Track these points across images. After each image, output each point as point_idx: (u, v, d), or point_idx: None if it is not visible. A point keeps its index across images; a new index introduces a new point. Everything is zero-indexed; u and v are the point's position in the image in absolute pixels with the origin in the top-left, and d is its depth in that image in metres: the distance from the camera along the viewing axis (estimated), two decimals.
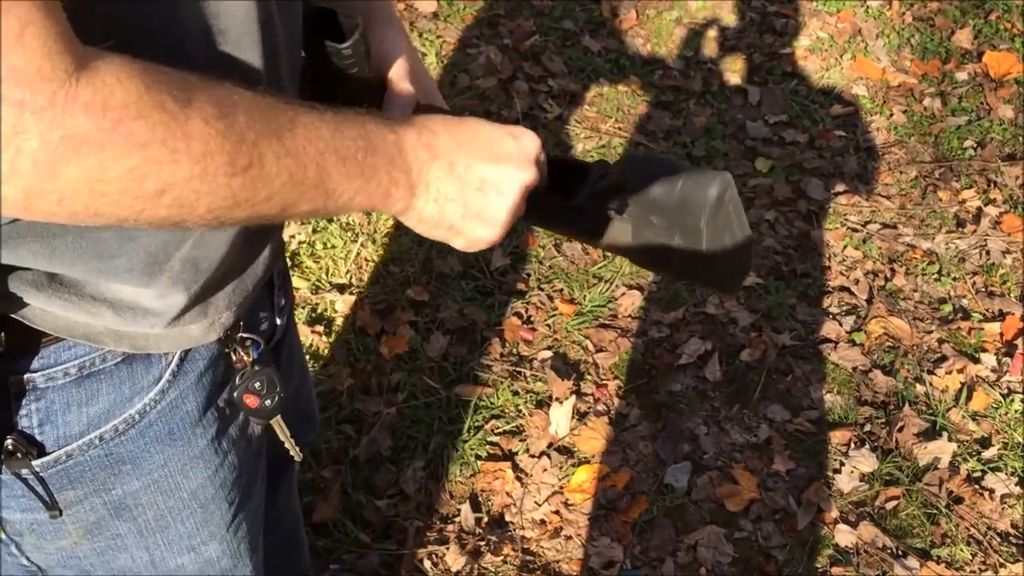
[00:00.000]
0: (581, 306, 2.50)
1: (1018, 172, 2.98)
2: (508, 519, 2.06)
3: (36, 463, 0.76)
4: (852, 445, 2.24)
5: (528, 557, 2.00)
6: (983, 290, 2.63)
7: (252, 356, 0.85)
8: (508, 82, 3.13)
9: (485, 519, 2.06)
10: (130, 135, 0.54)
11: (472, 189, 0.76)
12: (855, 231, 2.79)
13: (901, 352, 2.45)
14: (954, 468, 2.20)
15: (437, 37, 3.25)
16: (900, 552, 2.05)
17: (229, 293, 0.79)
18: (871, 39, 3.50)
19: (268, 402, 0.87)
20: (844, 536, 2.06)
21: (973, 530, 2.09)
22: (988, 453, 2.23)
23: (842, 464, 2.20)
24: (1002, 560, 2.04)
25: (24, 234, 0.64)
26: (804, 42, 3.49)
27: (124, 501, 0.82)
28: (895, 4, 3.63)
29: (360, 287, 2.47)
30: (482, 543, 2.01)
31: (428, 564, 1.96)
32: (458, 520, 2.04)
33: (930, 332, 2.51)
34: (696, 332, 2.45)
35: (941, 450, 2.22)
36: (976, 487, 2.17)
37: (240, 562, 0.96)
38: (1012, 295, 2.61)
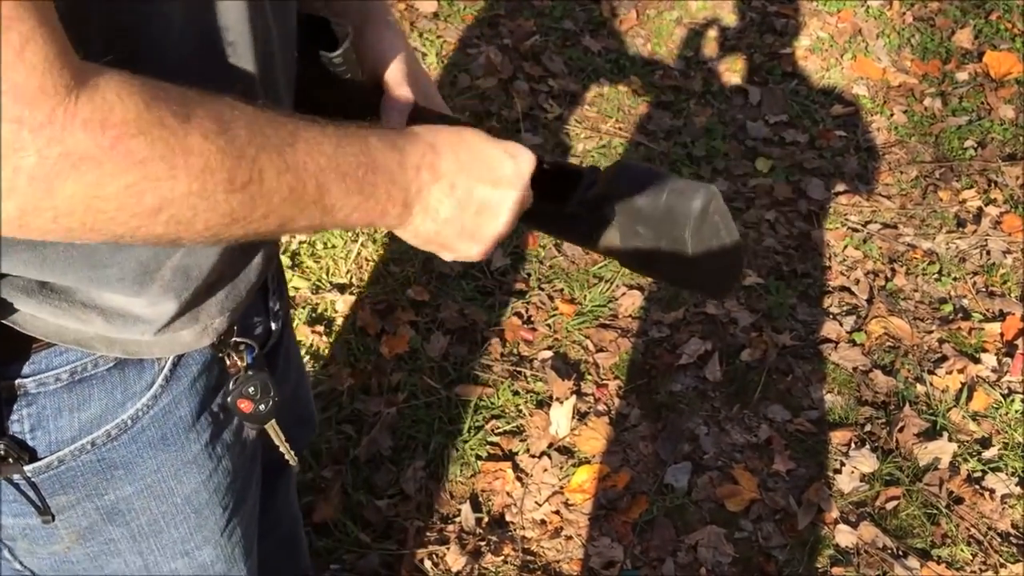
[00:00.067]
0: (581, 306, 2.50)
1: (1018, 172, 2.98)
2: (508, 519, 2.06)
3: (28, 468, 0.75)
4: (852, 445, 2.24)
5: (528, 557, 2.00)
6: (983, 290, 2.63)
7: (246, 361, 0.85)
8: (508, 82, 3.13)
9: (485, 519, 2.06)
10: (129, 152, 0.53)
11: (470, 212, 0.76)
12: (855, 231, 2.79)
13: (901, 352, 2.45)
14: (954, 468, 2.20)
15: (437, 37, 3.25)
16: (900, 552, 2.05)
17: (221, 299, 0.79)
18: (871, 39, 3.50)
19: (262, 407, 0.86)
20: (844, 536, 2.06)
21: (973, 530, 2.09)
22: (988, 453, 2.23)
23: (842, 464, 2.20)
24: (1002, 560, 2.04)
25: (15, 243, 0.64)
26: (804, 42, 3.49)
27: (117, 506, 0.82)
28: (895, 4, 3.62)
29: (360, 287, 2.47)
30: (482, 543, 2.01)
31: (428, 564, 1.96)
32: (458, 520, 2.05)
33: (930, 332, 2.51)
34: (696, 332, 2.45)
35: (941, 450, 2.22)
36: (976, 487, 2.17)
37: (235, 566, 0.96)
38: (1012, 295, 2.61)
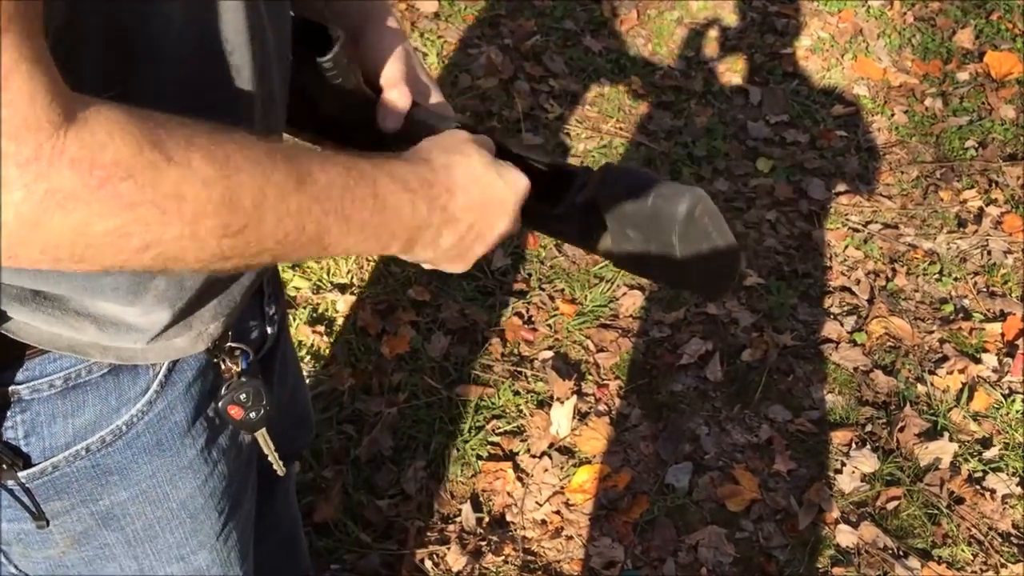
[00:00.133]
0: (582, 306, 2.50)
1: (1019, 172, 2.98)
2: (509, 519, 2.06)
3: (22, 475, 0.75)
4: (853, 445, 2.24)
5: (529, 557, 2.00)
6: (984, 290, 2.63)
7: (241, 367, 0.85)
8: (509, 82, 3.13)
9: (486, 519, 2.06)
10: (117, 195, 0.52)
11: (467, 242, 0.77)
12: (856, 231, 2.79)
13: (902, 352, 2.45)
14: (955, 468, 2.20)
15: (438, 37, 3.25)
16: (901, 552, 2.04)
17: (215, 305, 0.79)
18: (872, 39, 3.50)
19: (253, 414, 0.86)
20: (845, 536, 2.06)
21: (974, 530, 2.09)
22: (989, 453, 2.23)
23: (843, 464, 2.20)
24: (1003, 560, 2.04)
25: None
26: (805, 42, 3.49)
27: (112, 511, 0.82)
28: (896, 4, 3.62)
29: (361, 287, 2.47)
30: (483, 543, 2.01)
31: (429, 564, 1.96)
32: (459, 520, 2.05)
33: (931, 332, 2.51)
34: (697, 332, 2.45)
35: (942, 450, 2.22)
36: (977, 487, 2.17)
37: (231, 570, 0.96)
38: (1013, 295, 2.61)
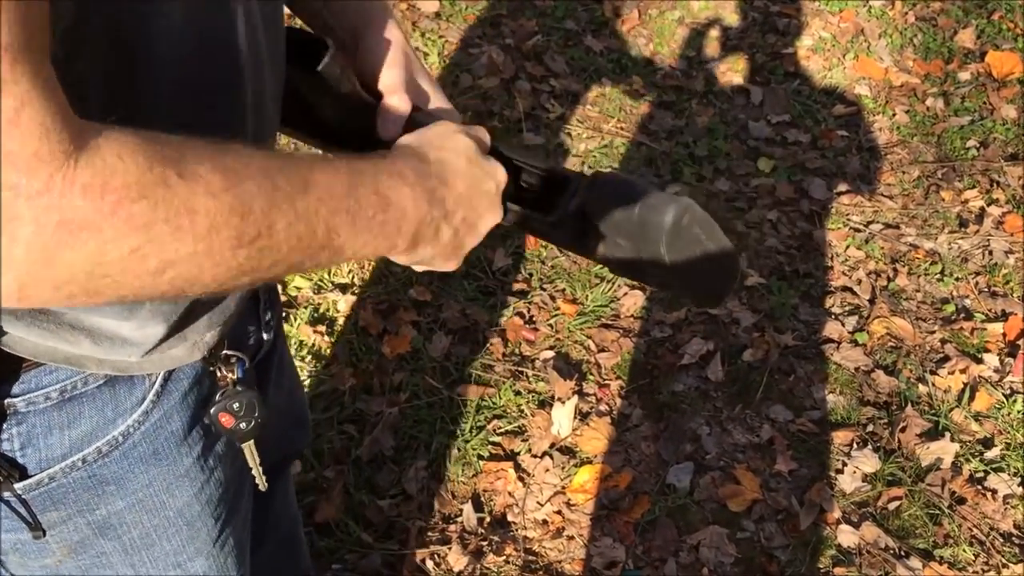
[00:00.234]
0: (583, 306, 2.50)
1: (1021, 172, 2.98)
2: (510, 519, 2.06)
3: (18, 486, 0.75)
4: (854, 445, 2.24)
5: (530, 557, 2.00)
6: (986, 290, 2.63)
7: (236, 375, 0.85)
8: (510, 82, 3.13)
9: (487, 519, 2.06)
10: (131, 216, 0.51)
11: (459, 237, 0.78)
12: (857, 231, 2.79)
13: (903, 352, 2.45)
14: (956, 468, 2.20)
15: (439, 37, 3.25)
16: (903, 552, 2.04)
17: (210, 316, 0.79)
18: (873, 39, 3.50)
19: (243, 425, 0.86)
20: (846, 536, 2.06)
21: (976, 531, 2.09)
22: (991, 454, 2.22)
23: (844, 464, 2.20)
24: (1004, 561, 2.04)
25: None
26: (806, 42, 3.49)
27: (109, 520, 0.82)
28: (897, 4, 3.62)
29: (362, 287, 2.47)
30: (484, 543, 2.01)
31: (430, 564, 1.96)
32: (460, 520, 2.05)
33: (933, 332, 2.51)
34: (698, 332, 2.45)
35: (943, 450, 2.22)
36: (979, 488, 2.16)
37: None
38: (1015, 295, 2.61)
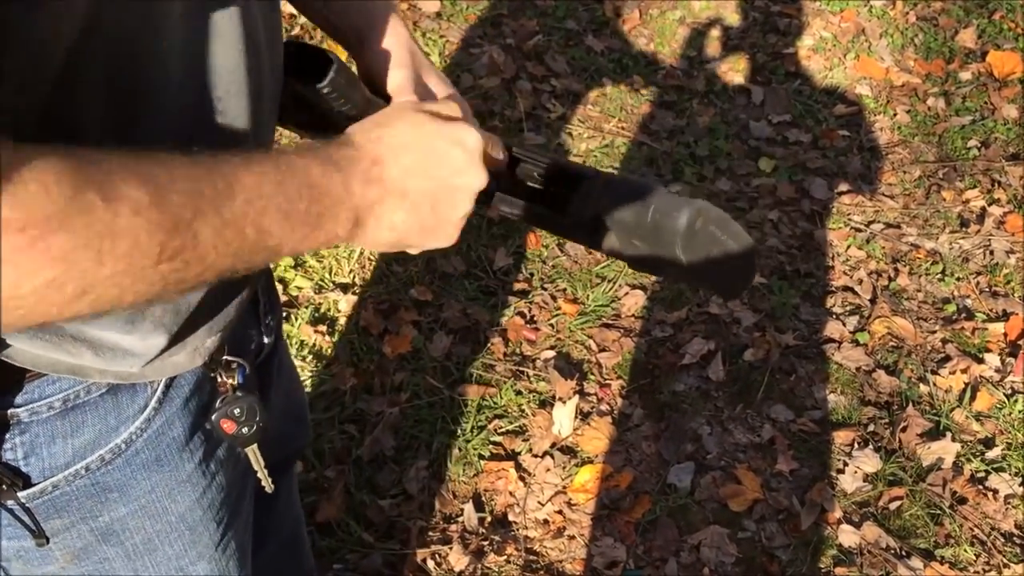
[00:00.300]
0: (584, 306, 2.50)
1: (1022, 172, 2.97)
2: (511, 519, 2.06)
3: (22, 494, 0.75)
4: (856, 445, 2.23)
5: (531, 557, 2.00)
6: (987, 290, 2.63)
7: (237, 380, 0.85)
8: (511, 82, 3.13)
9: (488, 519, 2.06)
10: (48, 249, 0.50)
11: (426, 211, 0.73)
12: (859, 231, 2.79)
13: (905, 352, 2.45)
14: (958, 468, 2.20)
15: (440, 37, 3.25)
16: (904, 552, 2.04)
17: (210, 323, 0.79)
18: (875, 39, 3.50)
19: (246, 430, 0.86)
20: (848, 536, 2.06)
21: (977, 530, 2.09)
22: (992, 453, 2.22)
23: (845, 464, 2.20)
24: (1006, 560, 2.03)
25: None
26: (808, 42, 3.49)
27: (111, 527, 0.82)
28: (899, 4, 3.62)
29: (363, 286, 2.47)
30: (485, 543, 2.01)
31: (431, 564, 1.96)
32: (461, 520, 2.05)
33: (934, 332, 2.50)
34: (699, 332, 2.44)
35: (945, 450, 2.22)
36: (980, 487, 2.16)
37: None
38: (1016, 295, 2.61)
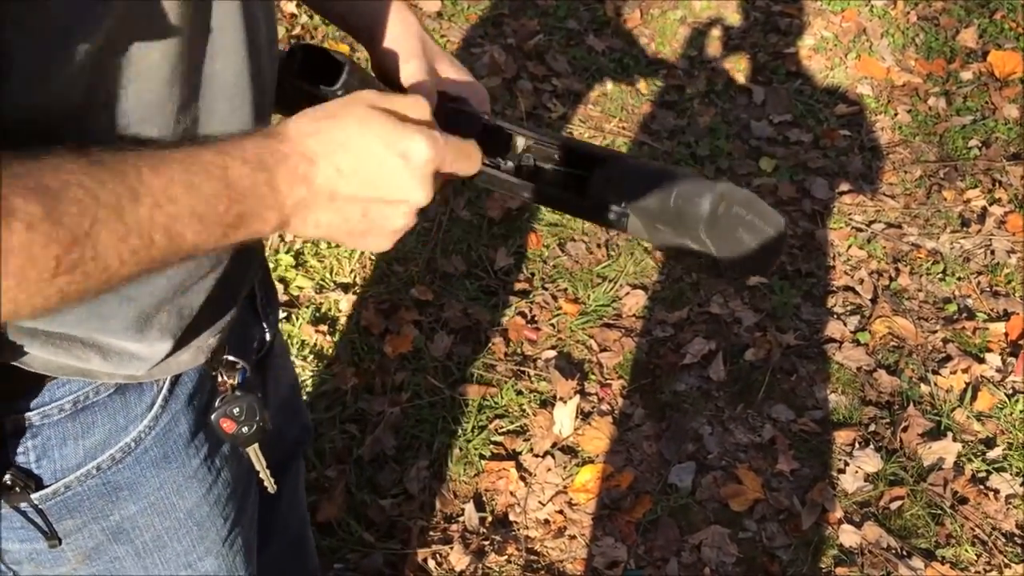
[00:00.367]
0: (585, 306, 2.50)
1: (1023, 171, 2.97)
2: (512, 519, 2.06)
3: (35, 496, 0.76)
4: (856, 445, 2.23)
5: (532, 557, 2.00)
6: (988, 290, 2.63)
7: (236, 380, 0.85)
8: (512, 81, 3.13)
9: (489, 519, 2.06)
10: None
11: (355, 217, 0.69)
12: (860, 231, 2.79)
13: (906, 352, 2.45)
14: (959, 468, 2.20)
15: (441, 36, 3.25)
16: (904, 552, 2.04)
17: (213, 323, 0.80)
18: (876, 38, 3.49)
19: (245, 429, 0.86)
20: (848, 536, 2.06)
21: (978, 530, 2.09)
22: (993, 453, 2.22)
23: (846, 464, 2.20)
24: (1007, 560, 2.03)
25: None
26: (808, 41, 3.48)
27: (122, 525, 0.83)
28: (900, 3, 3.62)
29: (364, 286, 2.47)
30: (486, 543, 2.01)
31: (432, 564, 1.96)
32: (462, 520, 2.05)
33: (935, 332, 2.50)
34: (700, 332, 2.44)
35: (946, 450, 2.22)
36: (981, 487, 2.16)
37: (236, 574, 0.96)
38: (1017, 295, 2.61)
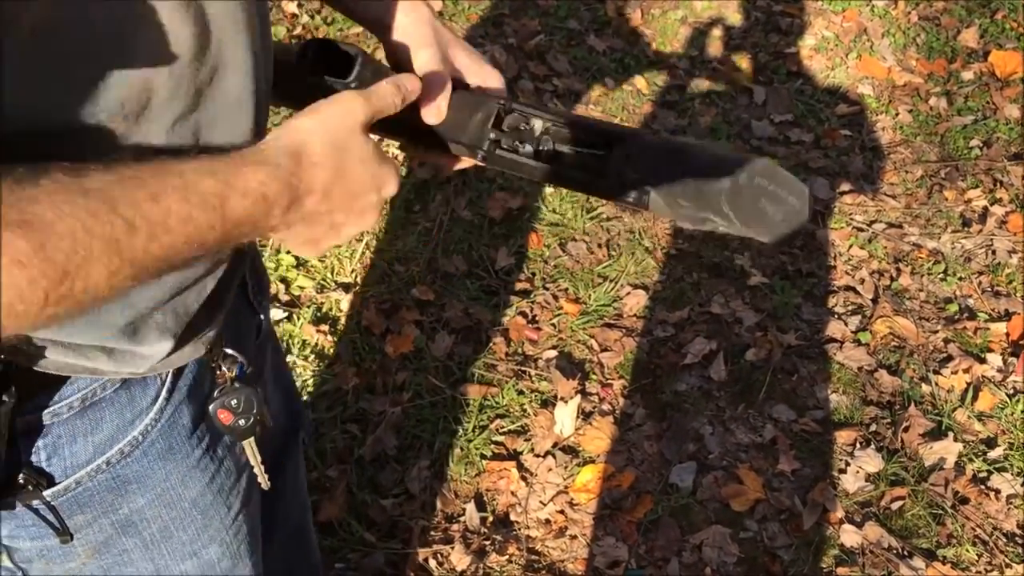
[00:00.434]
0: (586, 305, 2.50)
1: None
2: (513, 518, 2.06)
3: (47, 493, 0.77)
4: (857, 445, 2.23)
5: (533, 556, 2.00)
6: (989, 290, 2.63)
7: (234, 373, 0.86)
8: (513, 81, 3.13)
9: (490, 518, 2.06)
10: None
11: (322, 230, 0.73)
12: (861, 230, 2.79)
13: (907, 352, 2.45)
14: (960, 468, 2.20)
15: None
16: (906, 552, 2.04)
17: (210, 319, 0.81)
18: (877, 38, 3.49)
19: (243, 421, 0.87)
20: (849, 536, 2.06)
21: (979, 530, 2.08)
22: (994, 453, 2.22)
23: (847, 464, 2.20)
24: (1008, 560, 2.03)
25: None
26: (809, 41, 3.48)
27: (130, 518, 0.84)
28: (901, 3, 3.62)
29: (365, 286, 2.47)
30: (487, 542, 2.01)
31: (433, 563, 1.96)
32: (463, 519, 2.05)
33: (936, 332, 2.50)
34: (701, 332, 2.44)
35: (947, 450, 2.21)
36: (982, 487, 2.16)
37: (240, 562, 0.97)
38: (1018, 295, 2.60)
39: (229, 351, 0.86)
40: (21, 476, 0.75)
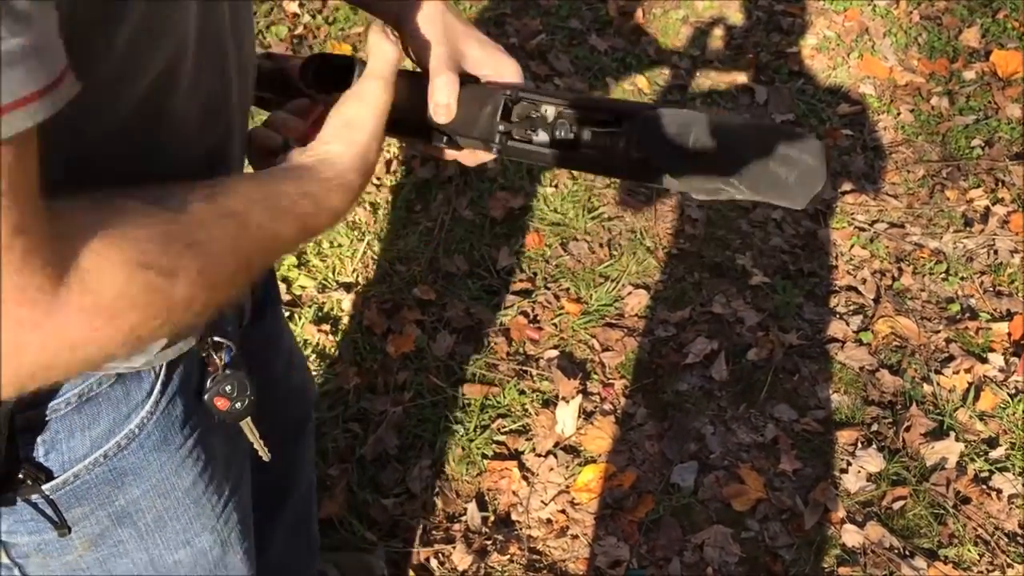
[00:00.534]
0: (587, 305, 2.50)
1: None
2: (514, 518, 2.06)
3: (45, 487, 0.78)
4: (859, 445, 2.23)
5: (534, 556, 2.00)
6: (991, 290, 2.62)
7: (224, 360, 0.87)
8: None
9: (491, 518, 2.06)
10: (120, 328, 0.54)
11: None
12: (862, 230, 2.79)
13: (908, 352, 2.45)
14: (961, 468, 2.19)
15: None
16: (907, 552, 2.04)
17: None
18: (878, 38, 3.49)
19: (238, 405, 0.89)
20: (851, 536, 2.06)
21: (980, 530, 2.08)
22: (995, 453, 2.22)
23: (849, 464, 2.20)
24: (1009, 560, 2.03)
25: None
26: (811, 41, 3.48)
27: (126, 509, 0.85)
28: (902, 3, 3.62)
29: (366, 286, 2.47)
30: (488, 542, 2.01)
31: (434, 563, 1.96)
32: (464, 519, 2.05)
33: (937, 332, 2.50)
34: (703, 331, 2.44)
35: (948, 450, 2.21)
36: (983, 487, 2.16)
37: (231, 550, 0.99)
38: (1020, 295, 2.60)
39: (218, 339, 0.87)
40: (21, 472, 0.76)
